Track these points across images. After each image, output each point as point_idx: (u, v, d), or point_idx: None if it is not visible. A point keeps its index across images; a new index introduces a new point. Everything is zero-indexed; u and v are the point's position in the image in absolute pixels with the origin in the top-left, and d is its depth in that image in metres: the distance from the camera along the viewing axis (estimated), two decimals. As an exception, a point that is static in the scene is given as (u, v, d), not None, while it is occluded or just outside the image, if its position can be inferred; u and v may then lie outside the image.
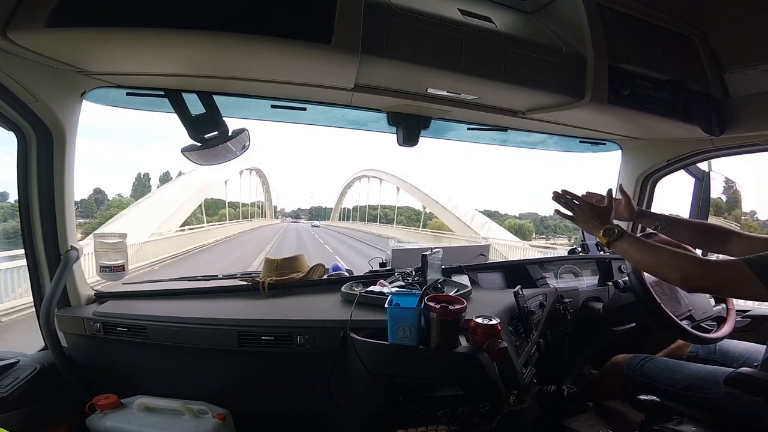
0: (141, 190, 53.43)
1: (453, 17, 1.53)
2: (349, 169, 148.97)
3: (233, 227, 32.21)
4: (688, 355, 1.80)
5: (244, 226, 36.86)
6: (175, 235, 17.74)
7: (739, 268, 1.21)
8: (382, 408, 1.43)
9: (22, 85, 1.39)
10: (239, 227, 34.38)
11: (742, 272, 1.20)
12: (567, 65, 1.70)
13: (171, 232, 18.05)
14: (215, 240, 22.86)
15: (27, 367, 1.67)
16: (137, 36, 1.23)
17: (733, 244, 1.58)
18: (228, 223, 33.84)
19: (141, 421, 1.61)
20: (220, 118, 1.69)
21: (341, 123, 2.15)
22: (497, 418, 1.43)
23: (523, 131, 2.31)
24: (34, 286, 1.76)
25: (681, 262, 1.28)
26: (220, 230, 26.99)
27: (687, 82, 1.88)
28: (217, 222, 35.80)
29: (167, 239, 16.10)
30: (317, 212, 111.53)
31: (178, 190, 24.36)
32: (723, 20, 1.81)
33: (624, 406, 2.01)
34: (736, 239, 1.59)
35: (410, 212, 63.38)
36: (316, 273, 2.05)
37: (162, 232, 17.21)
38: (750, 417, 1.42)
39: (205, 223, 32.48)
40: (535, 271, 2.20)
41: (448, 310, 1.29)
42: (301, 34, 1.28)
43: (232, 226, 32.59)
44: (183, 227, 21.24)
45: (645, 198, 2.63)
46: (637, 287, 1.69)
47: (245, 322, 1.63)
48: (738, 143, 2.12)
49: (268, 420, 1.77)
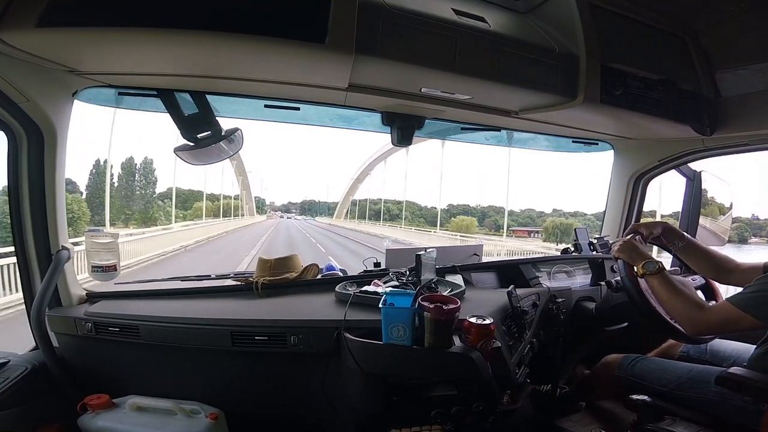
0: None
1: (447, 17, 1.53)
2: (347, 161, 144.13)
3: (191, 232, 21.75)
4: (679, 354, 1.81)
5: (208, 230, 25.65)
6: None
7: (728, 309, 1.42)
8: (376, 408, 1.43)
9: (12, 84, 1.38)
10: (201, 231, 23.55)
11: (731, 312, 1.41)
12: (560, 65, 1.70)
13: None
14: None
15: (17, 367, 1.65)
16: (129, 36, 1.22)
17: (733, 275, 1.74)
18: (202, 222, 29.53)
19: (133, 421, 1.61)
20: (213, 118, 1.69)
21: (335, 123, 2.15)
22: (491, 418, 1.44)
23: (516, 131, 2.32)
24: (24, 286, 1.75)
25: (690, 312, 1.48)
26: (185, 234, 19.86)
27: (678, 82, 1.89)
28: (190, 221, 31.95)
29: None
30: (310, 206, 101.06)
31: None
32: (714, 20, 1.83)
33: (616, 406, 2.02)
34: (736, 271, 1.74)
35: (413, 208, 57.23)
36: (309, 273, 2.04)
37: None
38: (740, 416, 1.43)
39: (174, 221, 29.14)
40: (528, 270, 2.21)
41: (442, 310, 1.29)
42: (295, 33, 1.28)
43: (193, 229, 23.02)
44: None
45: (637, 198, 2.65)
46: (629, 287, 1.69)
47: (238, 321, 1.62)
48: (729, 143, 2.13)
49: (261, 420, 1.76)
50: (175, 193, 37.43)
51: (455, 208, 57.76)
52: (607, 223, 2.76)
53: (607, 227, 2.74)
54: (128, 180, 38.53)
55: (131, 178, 38.76)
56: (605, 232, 2.71)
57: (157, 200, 40.22)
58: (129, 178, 38.51)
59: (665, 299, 1.54)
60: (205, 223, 31.46)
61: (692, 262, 1.87)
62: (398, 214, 53.59)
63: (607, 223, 2.76)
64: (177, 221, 32.33)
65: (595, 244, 2.49)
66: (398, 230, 36.58)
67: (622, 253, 1.70)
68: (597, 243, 2.48)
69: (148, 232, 16.92)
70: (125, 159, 38.39)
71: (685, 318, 1.49)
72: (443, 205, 47.14)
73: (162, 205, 39.44)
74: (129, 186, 38.63)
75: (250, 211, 62.51)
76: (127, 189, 38.44)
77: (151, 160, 39.72)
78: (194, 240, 19.90)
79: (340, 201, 67.24)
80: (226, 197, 51.95)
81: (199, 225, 27.13)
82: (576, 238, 2.50)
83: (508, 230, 35.31)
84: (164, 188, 42.07)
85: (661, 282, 1.56)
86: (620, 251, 1.71)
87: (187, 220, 36.73)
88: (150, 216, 37.01)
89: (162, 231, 19.68)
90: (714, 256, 1.81)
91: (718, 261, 1.79)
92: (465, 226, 34.92)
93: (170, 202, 38.42)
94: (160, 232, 19.06)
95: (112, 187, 35.22)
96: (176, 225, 26.65)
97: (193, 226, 25.80)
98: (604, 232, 2.69)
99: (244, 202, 58.42)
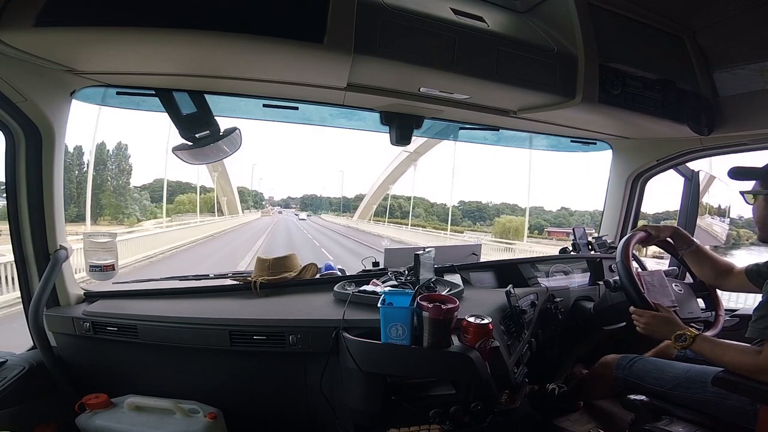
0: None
1: (446, 17, 1.53)
2: (348, 159, 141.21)
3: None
4: (676, 355, 1.82)
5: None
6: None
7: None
8: (375, 407, 1.43)
9: (10, 84, 1.38)
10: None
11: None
12: (558, 65, 1.70)
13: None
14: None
15: (15, 366, 1.65)
16: (127, 35, 1.22)
17: (730, 279, 1.77)
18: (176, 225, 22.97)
19: (131, 421, 1.61)
20: (212, 118, 1.69)
21: (334, 122, 2.15)
22: (489, 417, 1.44)
23: (514, 131, 2.32)
24: (22, 286, 1.74)
25: (743, 363, 1.37)
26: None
27: (676, 82, 1.89)
28: (173, 221, 27.58)
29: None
30: (311, 201, 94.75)
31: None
32: (712, 20, 1.83)
33: (614, 406, 2.02)
34: (732, 275, 1.76)
35: (425, 204, 52.57)
36: (308, 272, 2.04)
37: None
38: (737, 416, 1.44)
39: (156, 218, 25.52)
40: (527, 270, 2.21)
41: (441, 310, 1.29)
42: (294, 33, 1.28)
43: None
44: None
45: (635, 198, 2.65)
46: (627, 286, 1.70)
47: (237, 321, 1.62)
48: (726, 143, 2.14)
49: (260, 419, 1.77)
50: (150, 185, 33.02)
51: (467, 206, 55.92)
52: (606, 222, 2.76)
53: (606, 227, 2.75)
54: (98, 168, 32.80)
55: (102, 166, 33.53)
56: (603, 231, 2.71)
57: (132, 192, 36.46)
58: (99, 166, 33.10)
59: (713, 359, 1.45)
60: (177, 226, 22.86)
61: (697, 268, 1.86)
62: (395, 208, 49.56)
63: (605, 223, 2.77)
64: (159, 218, 29.56)
65: (593, 243, 2.49)
66: (420, 233, 30.36)
67: (644, 328, 1.61)
68: (595, 242, 2.49)
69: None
70: (96, 144, 30.61)
71: (740, 368, 1.38)
72: (454, 202, 44.10)
73: (138, 198, 35.82)
74: (99, 175, 33.19)
75: (232, 206, 48.79)
76: (95, 179, 31.51)
77: (126, 145, 35.70)
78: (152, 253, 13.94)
79: (368, 195, 52.34)
80: (207, 191, 43.36)
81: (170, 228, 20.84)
82: (574, 238, 2.51)
83: (543, 231, 32.45)
84: (151, 179, 37.50)
85: (701, 346, 1.47)
86: (646, 328, 1.61)
87: (172, 214, 33.14)
88: (122, 211, 33.48)
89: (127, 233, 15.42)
90: (717, 262, 1.81)
91: (720, 266, 1.80)
92: (514, 228, 27.58)
93: (147, 195, 34.64)
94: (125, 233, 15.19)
95: (81, 177, 30.75)
96: (148, 223, 24.49)
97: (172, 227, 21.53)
98: (603, 232, 2.70)
99: (218, 192, 45.65)
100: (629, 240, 1.77)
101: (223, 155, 1.76)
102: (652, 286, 1.79)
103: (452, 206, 41.06)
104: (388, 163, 44.10)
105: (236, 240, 22.60)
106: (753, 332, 1.38)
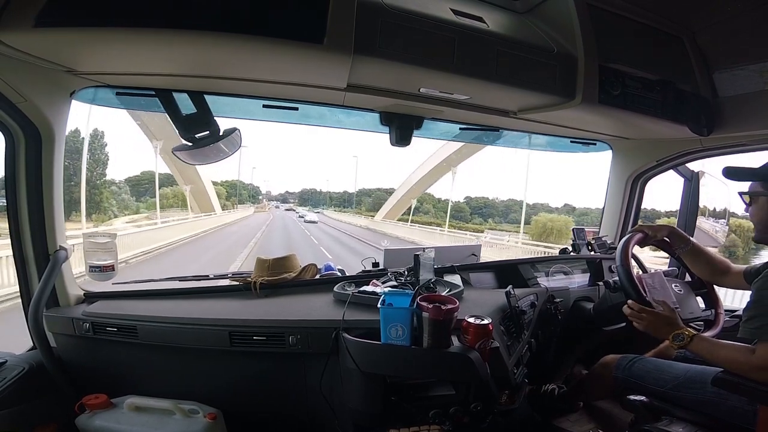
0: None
1: (445, 17, 1.53)
2: (349, 154, 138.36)
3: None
4: (676, 355, 1.82)
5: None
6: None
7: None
8: (375, 408, 1.43)
9: (10, 84, 1.38)
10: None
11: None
12: (558, 65, 1.70)
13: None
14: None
15: (15, 367, 1.65)
16: (127, 36, 1.22)
17: (727, 278, 1.81)
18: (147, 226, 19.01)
19: (131, 421, 1.61)
20: (212, 118, 1.69)
21: (334, 123, 2.14)
22: (489, 418, 1.44)
23: (514, 131, 2.32)
24: (22, 286, 1.74)
25: (738, 361, 1.38)
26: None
27: (676, 82, 1.89)
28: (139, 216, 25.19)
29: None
30: (310, 196, 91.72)
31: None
32: (712, 20, 1.83)
33: (614, 406, 2.02)
34: (729, 274, 1.80)
35: (432, 200, 50.49)
36: (308, 273, 2.04)
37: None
38: (736, 417, 1.44)
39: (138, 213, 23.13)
40: (527, 270, 2.21)
41: (441, 310, 1.29)
42: (294, 33, 1.28)
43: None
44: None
45: (635, 198, 2.65)
46: (627, 287, 1.70)
47: (237, 322, 1.62)
48: (726, 143, 2.14)
49: (260, 420, 1.77)
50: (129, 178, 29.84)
51: (474, 201, 55.30)
52: (605, 223, 2.76)
53: (605, 227, 2.75)
54: (70, 160, 26.53)
55: (75, 155, 28.36)
56: (603, 232, 2.71)
57: (109, 186, 33.07)
58: (73, 155, 27.02)
59: (710, 358, 1.46)
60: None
61: (694, 267, 1.89)
62: (418, 207, 46.81)
63: (605, 224, 2.77)
64: (140, 213, 27.55)
65: (593, 244, 2.49)
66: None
67: (645, 327, 1.62)
68: (595, 243, 2.49)
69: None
70: (68, 132, 27.30)
71: (735, 367, 1.39)
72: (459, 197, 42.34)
73: (117, 191, 33.11)
74: (71, 166, 26.76)
75: (202, 199, 36.50)
76: (66, 170, 28.35)
77: (102, 132, 31.91)
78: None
79: (401, 192, 43.24)
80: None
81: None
82: (574, 238, 2.51)
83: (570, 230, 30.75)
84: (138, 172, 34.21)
85: (698, 346, 1.48)
86: (645, 326, 1.62)
87: (150, 210, 30.05)
88: (96, 205, 30.32)
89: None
90: (714, 260, 1.84)
91: (717, 264, 1.83)
92: (557, 230, 23.73)
93: (127, 188, 32.06)
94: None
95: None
96: (118, 221, 22.81)
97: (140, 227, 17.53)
98: (602, 232, 2.69)
99: (183, 181, 34.69)
100: (628, 241, 1.78)
101: (223, 155, 1.75)
102: (653, 288, 1.80)
103: (460, 202, 39.38)
104: (419, 164, 38.26)
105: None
106: (744, 332, 1.40)
